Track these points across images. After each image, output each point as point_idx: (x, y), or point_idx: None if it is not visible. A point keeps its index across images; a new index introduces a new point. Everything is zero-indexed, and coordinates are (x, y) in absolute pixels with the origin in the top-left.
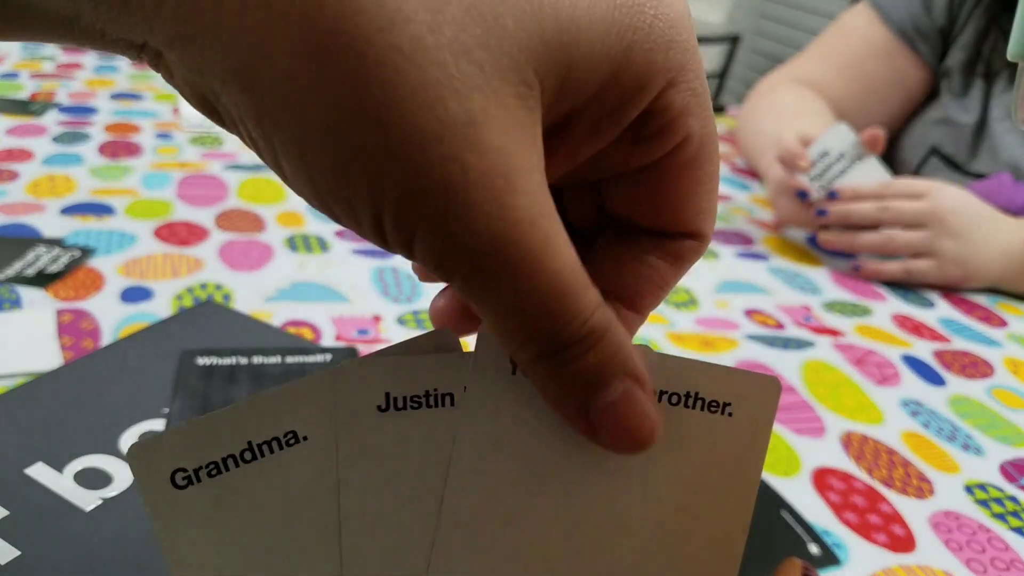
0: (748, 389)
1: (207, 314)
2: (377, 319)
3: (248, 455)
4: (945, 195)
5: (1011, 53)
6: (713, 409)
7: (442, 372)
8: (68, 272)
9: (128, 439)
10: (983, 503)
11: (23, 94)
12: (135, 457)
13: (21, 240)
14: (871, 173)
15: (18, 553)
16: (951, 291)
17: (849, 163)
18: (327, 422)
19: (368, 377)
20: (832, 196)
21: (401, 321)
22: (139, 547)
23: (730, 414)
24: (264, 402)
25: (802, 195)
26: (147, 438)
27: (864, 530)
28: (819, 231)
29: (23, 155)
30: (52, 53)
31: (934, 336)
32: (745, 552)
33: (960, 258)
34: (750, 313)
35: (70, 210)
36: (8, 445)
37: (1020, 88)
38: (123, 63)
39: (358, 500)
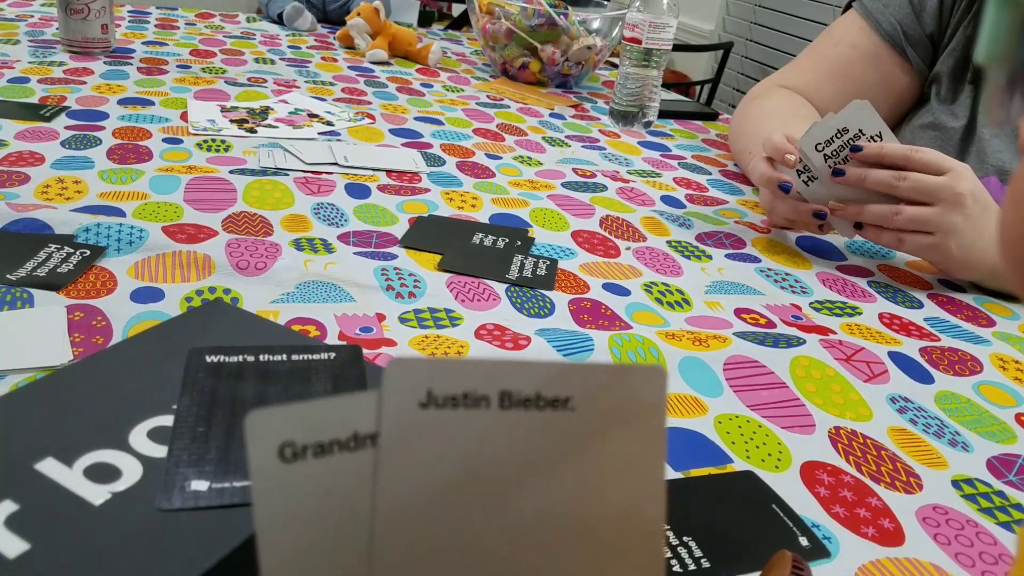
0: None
1: (215, 313)
2: (381, 317)
3: (352, 443)
4: (968, 176)
5: (980, 55)
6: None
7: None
8: (80, 273)
9: (137, 435)
10: (971, 498)
11: (33, 99)
12: (251, 424)
13: (33, 236)
14: None
15: (28, 547)
16: (938, 293)
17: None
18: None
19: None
20: (856, 150)
21: (403, 320)
22: (147, 541)
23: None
24: (376, 397)
25: (785, 187)
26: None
27: (853, 524)
28: (812, 220)
29: (33, 158)
30: (61, 59)
31: (922, 334)
32: (738, 545)
33: (965, 239)
34: (741, 313)
35: (80, 211)
36: (18, 440)
37: (990, 90)
38: (131, 69)
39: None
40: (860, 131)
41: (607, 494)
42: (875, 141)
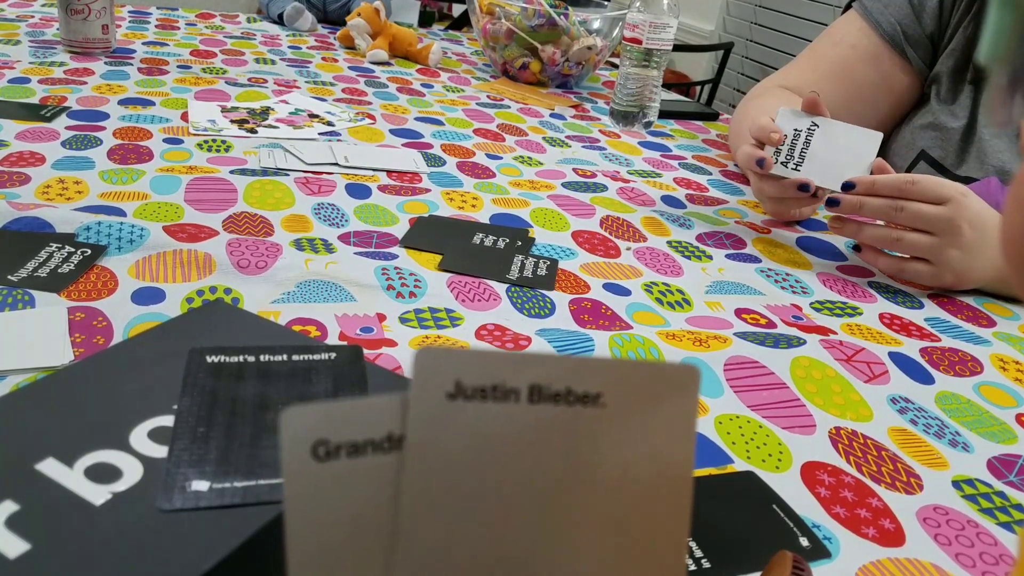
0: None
1: (215, 313)
2: (381, 317)
3: (387, 444)
4: (967, 206)
5: (982, 56)
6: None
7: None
8: (80, 273)
9: (137, 435)
10: (971, 498)
11: (33, 99)
12: (286, 421)
13: (34, 235)
14: (839, 134)
15: (28, 547)
16: (939, 294)
17: (808, 134)
18: None
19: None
20: (848, 187)
21: (404, 320)
22: (148, 542)
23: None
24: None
25: (760, 162)
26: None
27: (854, 524)
28: (786, 214)
29: (34, 158)
30: (62, 59)
31: (923, 334)
32: (738, 545)
33: (960, 268)
34: (741, 313)
35: (81, 211)
36: (19, 440)
37: (992, 91)
38: (131, 70)
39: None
40: (793, 129)
41: (635, 491)
42: (799, 134)
